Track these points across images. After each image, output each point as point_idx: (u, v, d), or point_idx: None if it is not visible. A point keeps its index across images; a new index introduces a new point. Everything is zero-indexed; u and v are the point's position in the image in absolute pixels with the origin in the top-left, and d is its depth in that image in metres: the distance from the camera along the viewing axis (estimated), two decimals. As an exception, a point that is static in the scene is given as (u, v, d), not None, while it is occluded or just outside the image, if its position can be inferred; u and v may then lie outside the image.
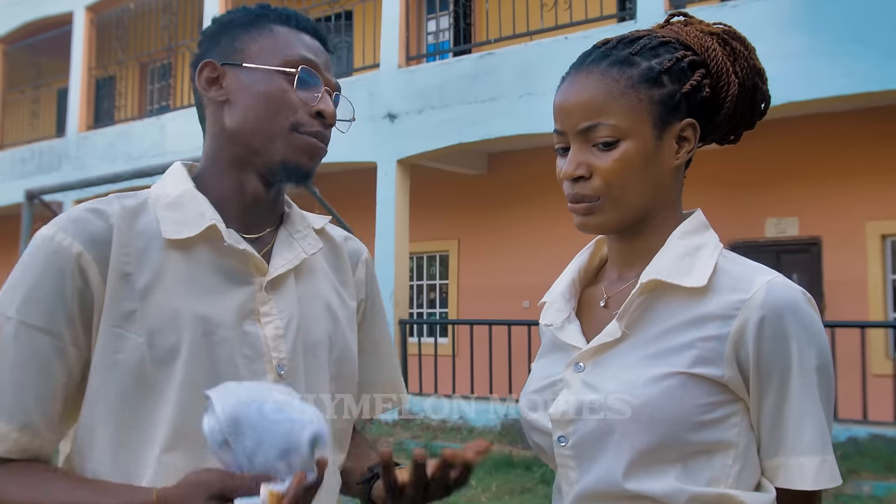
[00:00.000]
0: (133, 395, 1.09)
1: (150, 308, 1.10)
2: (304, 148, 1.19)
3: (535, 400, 1.20)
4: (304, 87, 1.18)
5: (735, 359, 1.08)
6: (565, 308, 1.23)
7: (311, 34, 1.23)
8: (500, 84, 8.91)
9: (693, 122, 1.16)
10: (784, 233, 9.12)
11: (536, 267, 10.36)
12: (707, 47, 1.18)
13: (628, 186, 1.13)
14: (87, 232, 1.11)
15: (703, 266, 1.12)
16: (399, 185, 9.69)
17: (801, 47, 7.11)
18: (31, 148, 13.75)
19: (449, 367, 9.40)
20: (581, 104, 1.14)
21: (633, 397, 1.07)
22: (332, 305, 1.28)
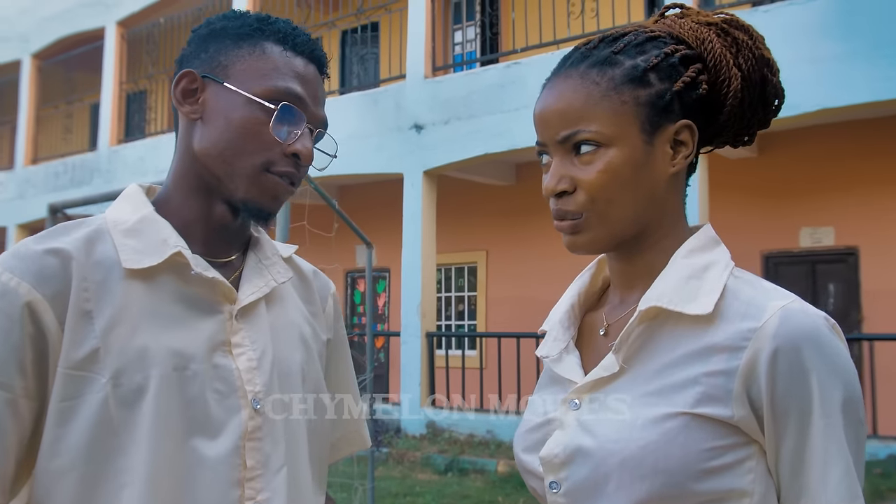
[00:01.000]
0: (97, 443, 0.98)
1: (114, 345, 1.00)
2: (271, 191, 1.09)
3: (528, 439, 1.08)
4: (283, 124, 1.08)
5: (746, 396, 0.94)
6: (563, 337, 1.11)
7: (306, 57, 1.13)
8: (528, 93, 8.83)
9: (689, 123, 1.03)
10: (820, 242, 8.92)
11: (566, 278, 10.17)
12: (703, 39, 1.05)
13: (615, 200, 1.01)
14: (37, 270, 0.99)
15: (710, 289, 0.99)
16: (426, 197, 9.64)
17: (835, 52, 6.95)
18: (65, 162, 13.92)
19: (477, 379, 9.30)
20: (558, 112, 1.02)
21: (630, 441, 0.94)
22: (304, 335, 1.19)
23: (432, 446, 8.71)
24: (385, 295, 12.38)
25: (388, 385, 11.45)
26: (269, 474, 1.06)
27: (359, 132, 10.03)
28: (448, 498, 6.96)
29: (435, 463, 8.23)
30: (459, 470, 8.04)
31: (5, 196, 14.82)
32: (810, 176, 8.65)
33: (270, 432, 1.07)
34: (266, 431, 1.07)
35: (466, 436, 8.86)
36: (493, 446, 8.53)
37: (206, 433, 1.02)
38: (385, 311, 12.38)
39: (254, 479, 1.04)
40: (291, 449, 1.11)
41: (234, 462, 1.03)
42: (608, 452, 0.96)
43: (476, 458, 8.22)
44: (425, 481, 7.65)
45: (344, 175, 10.45)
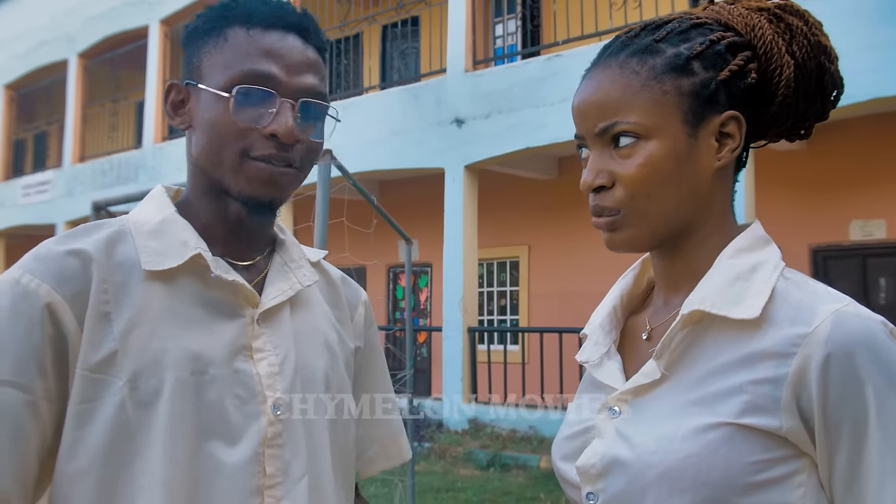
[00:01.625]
0: (114, 446, 0.96)
1: (132, 348, 0.98)
2: (259, 177, 1.04)
3: (566, 447, 1.04)
4: (246, 108, 1.03)
5: (795, 406, 0.88)
6: (604, 341, 1.07)
7: (279, 28, 1.07)
8: (569, 86, 8.72)
9: (736, 114, 0.98)
10: (871, 236, 8.70)
11: (609, 272, 10.10)
12: (752, 25, 0.99)
13: (655, 195, 0.96)
14: (57, 271, 0.98)
15: (758, 292, 0.93)
16: (467, 191, 9.60)
17: (891, 38, 6.75)
18: (111, 159, 14.16)
19: (519, 375, 9.26)
20: (596, 103, 0.98)
21: (669, 453, 0.90)
22: (330, 342, 1.16)
23: (474, 441, 8.69)
24: (427, 290, 12.38)
25: (430, 380, 11.46)
26: (289, 482, 1.03)
27: (400, 127, 10.03)
28: (490, 493, 6.93)
29: (477, 458, 8.21)
30: (501, 465, 8.01)
31: (54, 194, 15.13)
32: (861, 167, 8.44)
33: (291, 439, 1.05)
34: (286, 438, 1.04)
35: (508, 431, 8.83)
36: (535, 442, 8.48)
37: (225, 439, 1.00)
38: (427, 305, 12.38)
39: (274, 487, 1.02)
40: (313, 457, 1.08)
41: (253, 469, 1.01)
42: (646, 464, 0.91)
43: (518, 453, 8.18)
44: (467, 476, 7.63)
45: (385, 170, 10.46)
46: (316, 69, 1.09)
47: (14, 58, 16.37)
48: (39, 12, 16.02)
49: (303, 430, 1.07)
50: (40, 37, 15.87)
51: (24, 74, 16.33)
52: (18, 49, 16.31)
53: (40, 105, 17.37)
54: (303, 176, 1.09)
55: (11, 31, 16.59)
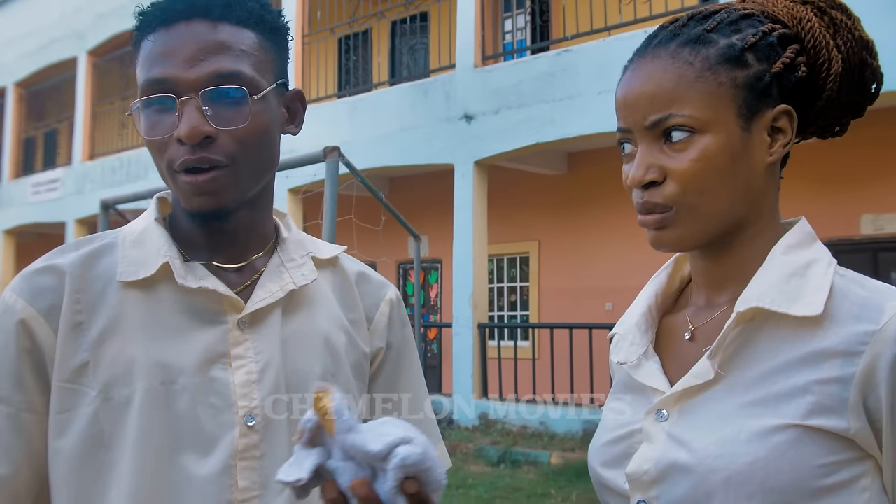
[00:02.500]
0: (88, 457, 0.96)
1: (104, 358, 0.97)
2: (187, 190, 0.99)
3: (608, 453, 1.00)
4: (154, 119, 0.98)
5: (863, 406, 0.85)
6: (641, 342, 1.02)
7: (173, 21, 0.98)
8: (579, 82, 8.72)
9: (788, 108, 0.95)
10: (882, 230, 8.64)
11: (620, 268, 10.11)
12: (800, 18, 0.97)
13: (709, 191, 0.92)
14: (33, 287, 1.00)
15: (817, 288, 0.90)
16: (477, 187, 9.59)
17: (899, 33, 6.71)
18: (120, 157, 14.19)
19: (529, 371, 9.25)
20: (647, 94, 0.93)
21: (735, 456, 0.86)
22: (334, 344, 1.10)
23: (485, 438, 8.69)
24: (437, 286, 12.38)
25: (440, 376, 11.46)
26: (268, 496, 0.98)
27: (409, 123, 10.01)
28: (501, 490, 6.93)
29: (487, 455, 8.21)
30: (512, 462, 8.00)
31: (64, 192, 15.19)
32: (872, 161, 8.37)
33: (271, 451, 1.00)
34: (265, 450, 1.00)
35: (519, 427, 8.82)
36: (546, 438, 8.48)
37: (197, 450, 0.97)
38: (437, 301, 12.38)
39: (248, 501, 0.97)
40: None
41: (224, 483, 0.97)
42: (710, 469, 0.88)
43: (529, 449, 8.17)
44: (478, 473, 7.63)
45: (394, 166, 10.46)
46: (224, 49, 0.98)
47: (24, 56, 16.43)
48: (49, 10, 16.07)
49: (286, 440, 1.01)
50: (50, 34, 15.92)
51: (33, 72, 16.39)
52: (28, 47, 16.37)
53: (50, 103, 17.44)
54: (242, 171, 1.00)
55: (21, 28, 16.64)
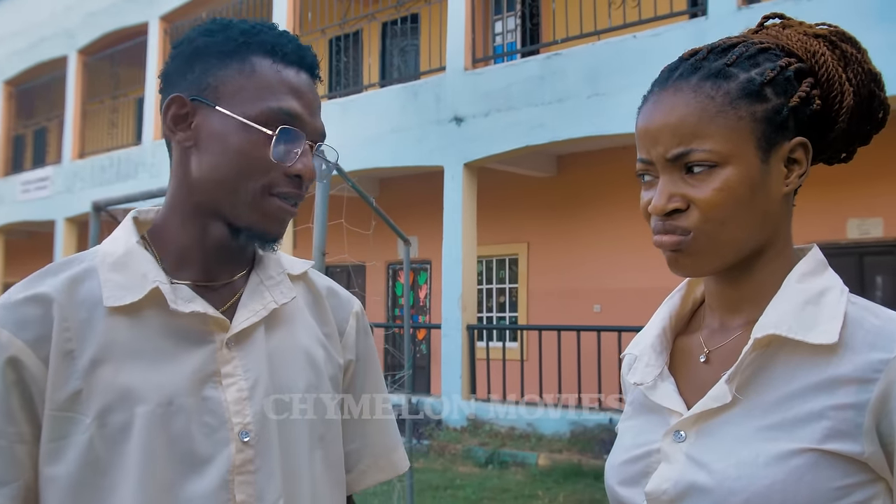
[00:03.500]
0: (85, 483, 0.96)
1: (97, 385, 0.98)
2: (275, 215, 1.05)
3: (626, 472, 1.02)
4: (282, 146, 1.03)
5: (876, 431, 0.88)
6: (657, 363, 1.05)
7: (298, 66, 1.07)
8: (568, 85, 8.77)
9: (804, 140, 0.98)
10: (867, 234, 8.73)
11: (608, 271, 10.17)
12: (813, 52, 0.99)
13: (729, 221, 0.95)
14: (18, 318, 0.98)
15: (831, 317, 0.93)
16: (466, 189, 9.63)
17: (886, 41, 6.78)
18: (110, 156, 14.17)
19: (517, 372, 9.29)
20: (670, 127, 0.96)
21: (754, 479, 0.88)
22: (314, 358, 1.14)
23: (473, 439, 8.73)
24: (426, 287, 12.41)
25: (429, 377, 11.49)
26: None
27: (399, 125, 10.05)
28: (488, 491, 6.97)
29: (476, 455, 8.25)
30: (500, 463, 8.05)
31: (53, 190, 15.15)
32: (858, 166, 8.34)
33: (264, 464, 1.03)
34: (259, 464, 1.03)
35: (507, 429, 8.87)
36: (533, 439, 8.52)
37: (194, 469, 0.99)
38: (427, 303, 12.42)
39: None
40: (290, 480, 1.06)
41: (222, 497, 1.00)
42: (729, 491, 0.90)
43: (517, 451, 8.22)
44: (466, 474, 7.68)
45: (384, 168, 10.48)
46: (320, 111, 1.11)
47: (14, 54, 16.38)
48: (39, 8, 16.04)
49: (278, 453, 1.05)
50: (40, 33, 15.88)
51: (23, 70, 16.34)
52: (18, 45, 16.33)
53: (40, 101, 17.39)
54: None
55: (11, 27, 16.60)
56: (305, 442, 1.10)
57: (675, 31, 8.08)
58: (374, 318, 11.78)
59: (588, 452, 7.74)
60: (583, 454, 7.77)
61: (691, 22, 8.18)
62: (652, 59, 8.06)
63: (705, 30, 7.72)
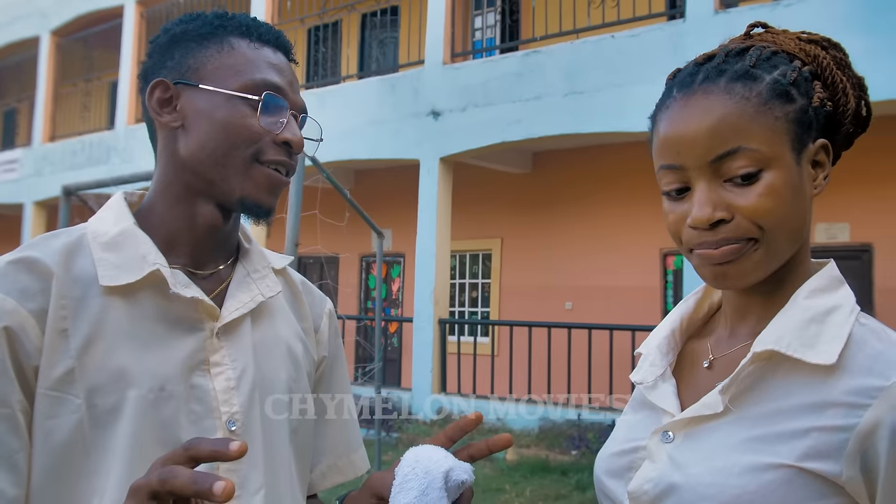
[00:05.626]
0: (68, 463, 0.95)
1: (89, 365, 0.97)
2: (266, 183, 1.07)
3: (613, 464, 1.04)
4: (269, 114, 1.06)
5: (860, 456, 0.86)
6: (661, 363, 1.05)
7: (273, 46, 1.11)
8: (546, 83, 8.81)
9: (826, 142, 0.97)
10: (835, 239, 8.87)
11: (580, 268, 10.24)
12: (815, 55, 0.99)
13: (781, 227, 0.92)
14: (21, 286, 0.96)
15: (834, 337, 0.91)
16: (442, 183, 9.64)
17: (859, 48, 6.83)
18: (82, 140, 13.98)
19: (488, 367, 9.34)
20: (710, 129, 0.92)
21: (725, 488, 0.89)
22: (294, 351, 1.16)
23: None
24: (399, 280, 12.41)
25: (400, 370, 11.50)
26: (246, 495, 1.03)
27: (376, 117, 10.03)
28: (456, 484, 6.99)
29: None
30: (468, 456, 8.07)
31: (22, 173, 14.93)
32: (828, 171, 8.59)
33: (248, 455, 1.04)
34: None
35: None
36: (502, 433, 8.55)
37: None
38: (399, 296, 12.42)
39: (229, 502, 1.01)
40: (271, 469, 1.08)
41: None
42: (700, 495, 0.91)
43: (485, 445, 8.24)
44: (434, 467, 7.69)
45: (360, 160, 10.46)
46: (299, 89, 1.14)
47: (-15, 33, 16.12)
48: (12, -13, 15.78)
49: (261, 443, 1.06)
50: (12, 12, 15.63)
51: (-6, 50, 16.09)
52: (-10, 24, 16.06)
53: (10, 81, 17.11)
54: None
55: (-17, 5, 16.32)
56: (286, 434, 1.12)
57: (652, 32, 8.14)
58: (347, 311, 11.76)
59: (556, 448, 7.80)
60: (550, 450, 7.82)
61: (669, 24, 8.23)
62: (630, 59, 8.16)
63: (683, 32, 7.79)
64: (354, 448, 1.29)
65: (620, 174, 9.54)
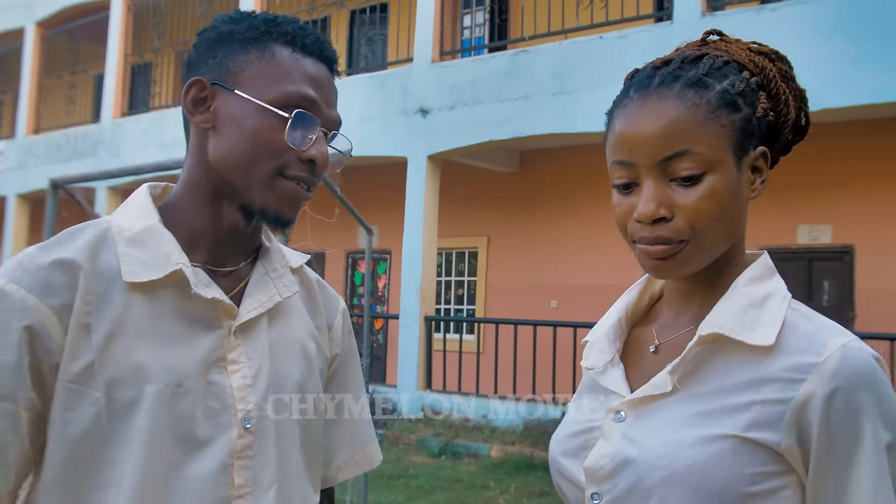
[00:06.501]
0: (86, 454, 0.98)
1: (109, 359, 0.99)
2: (287, 196, 1.08)
3: (568, 444, 1.10)
4: (297, 130, 1.06)
5: (796, 426, 0.95)
6: (609, 350, 1.13)
7: (316, 58, 1.11)
8: (534, 82, 8.85)
9: (765, 149, 1.05)
10: (817, 240, 8.97)
11: (565, 267, 10.30)
12: (762, 67, 1.06)
13: (714, 228, 1.00)
14: (45, 283, 0.99)
15: (771, 321, 1.00)
16: (429, 181, 9.66)
17: (841, 52, 6.96)
18: (67, 133, 13.89)
19: (473, 364, 9.38)
20: (661, 132, 0.99)
21: (677, 458, 0.96)
22: (307, 350, 1.18)
23: (427, 429, 8.79)
24: (385, 277, 12.43)
25: (385, 367, 11.52)
26: (259, 492, 1.05)
27: (365, 114, 10.03)
28: (441, 481, 7.04)
29: (429, 446, 8.32)
30: (453, 454, 8.13)
31: (6, 165, 14.82)
32: (810, 174, 8.64)
33: (261, 450, 1.06)
34: (257, 450, 1.06)
35: (461, 420, 8.94)
36: (487, 431, 8.61)
37: (195, 451, 1.02)
38: (385, 293, 12.43)
39: (242, 497, 1.04)
40: (283, 466, 1.10)
41: (222, 480, 1.02)
42: (654, 466, 0.97)
43: (470, 442, 8.30)
44: (419, 464, 7.74)
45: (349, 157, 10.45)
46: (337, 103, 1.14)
47: (-31, 23, 15.97)
48: (-3, -22, 15.65)
49: (274, 441, 1.08)
50: (-3, 3, 15.50)
51: (-22, 41, 15.95)
52: (-26, 15, 15.91)
53: (-5, 73, 16.99)
54: None
55: (-33, -4, 16.16)
56: (297, 431, 1.14)
57: (640, 33, 8.20)
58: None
59: (540, 445, 7.85)
60: (535, 447, 7.87)
61: (657, 26, 8.30)
62: (617, 59, 8.21)
63: (670, 34, 7.85)
64: (368, 440, 1.31)
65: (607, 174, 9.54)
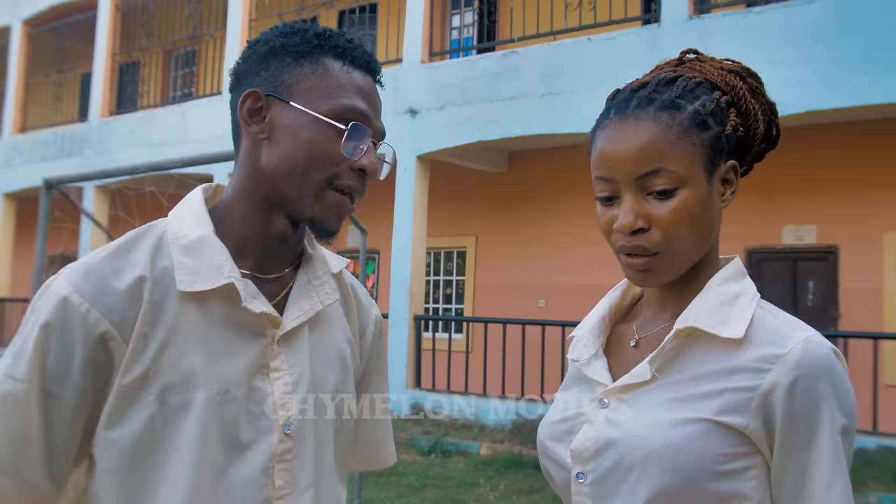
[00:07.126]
0: (140, 453, 1.04)
1: (163, 366, 1.04)
2: (334, 207, 1.13)
3: (555, 429, 1.20)
4: (351, 141, 1.10)
5: (762, 411, 1.06)
6: (593, 344, 1.23)
7: (364, 70, 1.16)
8: (522, 83, 8.92)
9: (734, 163, 1.16)
10: (802, 240, 9.09)
11: (554, 266, 10.37)
12: (733, 86, 1.17)
13: (687, 238, 1.11)
14: (109, 296, 1.04)
15: (741, 316, 1.11)
16: (418, 181, 9.71)
17: (827, 55, 7.07)
18: (54, 132, 13.84)
19: (462, 363, 9.43)
20: (638, 151, 1.10)
21: (656, 439, 1.07)
22: (344, 355, 1.23)
23: (416, 427, 8.84)
24: (374, 276, 12.46)
25: (373, 365, 11.53)
26: (297, 493, 1.10)
27: (353, 114, 10.04)
28: (431, 479, 7.09)
29: (419, 444, 8.36)
30: (443, 452, 8.18)
31: (-7, 163, 14.74)
32: (795, 175, 8.77)
33: (300, 454, 1.11)
34: (296, 453, 1.11)
35: (450, 418, 9.00)
36: (476, 429, 8.67)
37: (239, 454, 1.07)
38: (374, 292, 12.47)
39: (282, 498, 1.09)
40: (320, 468, 1.15)
41: (263, 482, 1.07)
42: (634, 446, 1.08)
43: (460, 440, 8.36)
44: (409, 462, 7.78)
45: (337, 156, 10.47)
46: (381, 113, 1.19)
47: (-46, 21, 15.86)
48: (-18, -24, 15.55)
49: (312, 444, 1.13)
50: (-18, 1, 15.41)
51: (-36, 39, 15.84)
52: (-41, 12, 15.81)
53: (-20, 71, 16.87)
54: None
55: (-48, -7, 16.05)
56: (331, 434, 1.19)
57: (628, 35, 8.29)
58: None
59: (529, 443, 7.91)
60: (524, 445, 7.94)
61: (645, 28, 8.38)
62: (605, 62, 8.30)
63: (658, 37, 7.94)
64: (384, 443, 1.37)
65: (594, 174, 9.64)
